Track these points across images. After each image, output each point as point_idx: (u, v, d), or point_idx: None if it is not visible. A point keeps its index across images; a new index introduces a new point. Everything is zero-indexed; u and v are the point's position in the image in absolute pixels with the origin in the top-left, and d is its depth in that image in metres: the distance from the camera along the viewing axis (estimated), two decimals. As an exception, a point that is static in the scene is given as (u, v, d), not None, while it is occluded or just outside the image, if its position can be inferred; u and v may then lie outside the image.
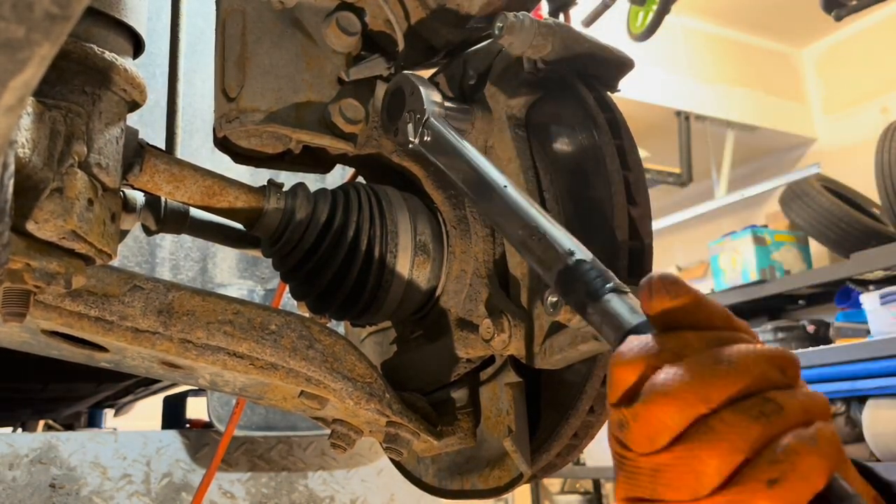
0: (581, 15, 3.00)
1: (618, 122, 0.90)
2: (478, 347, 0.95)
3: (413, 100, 0.94)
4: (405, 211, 1.00)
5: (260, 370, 0.88)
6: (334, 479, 2.09)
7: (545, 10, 2.12)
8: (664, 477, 0.48)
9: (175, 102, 1.17)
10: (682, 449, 0.47)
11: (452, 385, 0.99)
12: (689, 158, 5.71)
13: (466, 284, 0.98)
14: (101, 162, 0.74)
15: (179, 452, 1.94)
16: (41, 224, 0.67)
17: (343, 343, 0.92)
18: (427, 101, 0.92)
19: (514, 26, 0.89)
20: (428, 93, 0.93)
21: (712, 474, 0.46)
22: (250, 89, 0.94)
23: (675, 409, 0.47)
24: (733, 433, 0.46)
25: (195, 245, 1.95)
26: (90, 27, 0.77)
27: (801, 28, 6.18)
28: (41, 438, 1.82)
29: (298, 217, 0.97)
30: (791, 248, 4.46)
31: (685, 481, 0.47)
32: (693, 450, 0.47)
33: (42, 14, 0.38)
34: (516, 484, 0.93)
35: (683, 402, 0.47)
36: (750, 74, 6.26)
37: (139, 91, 0.81)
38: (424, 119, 0.91)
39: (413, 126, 0.92)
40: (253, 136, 0.96)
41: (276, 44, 0.96)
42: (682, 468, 0.47)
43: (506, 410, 0.92)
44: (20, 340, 0.89)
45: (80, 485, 1.80)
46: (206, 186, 0.94)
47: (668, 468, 0.48)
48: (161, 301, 0.84)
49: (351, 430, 0.99)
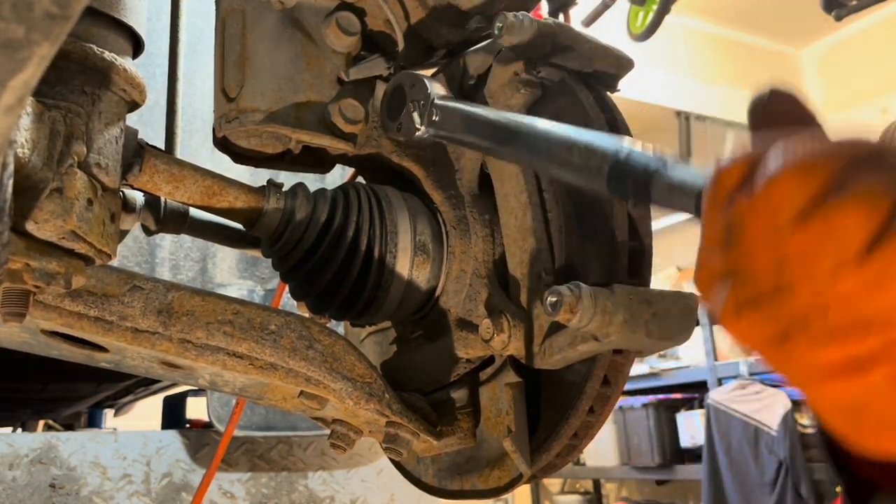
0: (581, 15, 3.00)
1: (617, 123, 0.90)
2: (477, 347, 0.95)
3: (415, 91, 0.94)
4: (405, 211, 1.00)
5: (260, 370, 0.88)
6: (334, 479, 2.09)
7: (545, 10, 2.12)
8: (798, 253, 0.42)
9: (175, 102, 1.17)
10: (818, 216, 0.41)
11: (452, 385, 0.99)
12: (689, 158, 5.71)
13: (466, 284, 0.98)
14: (101, 162, 0.74)
15: (179, 452, 1.94)
16: (41, 224, 0.67)
17: (343, 343, 0.92)
18: (430, 87, 0.93)
19: (514, 26, 0.89)
20: (430, 82, 0.94)
21: (859, 234, 0.40)
22: (250, 89, 0.94)
23: (804, 179, 0.42)
24: (872, 189, 0.40)
25: (195, 245, 1.95)
26: (90, 27, 0.77)
27: (801, 28, 6.19)
28: (41, 438, 1.82)
29: (298, 217, 0.97)
30: (791, 249, 4.45)
31: (828, 248, 0.41)
32: (831, 214, 0.41)
33: (42, 14, 0.38)
34: (516, 484, 0.93)
35: (810, 171, 0.41)
36: (750, 74, 6.26)
37: (139, 91, 0.81)
38: (430, 101, 0.91)
39: (419, 113, 0.92)
40: (253, 136, 0.96)
41: (276, 44, 0.96)
42: (822, 236, 0.41)
43: (505, 410, 0.92)
44: (20, 340, 0.89)
45: (80, 485, 1.80)
46: (205, 186, 0.94)
47: (802, 243, 0.42)
48: (161, 301, 0.84)
49: (351, 430, 0.99)
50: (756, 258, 0.44)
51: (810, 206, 0.42)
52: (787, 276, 0.43)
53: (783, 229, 0.42)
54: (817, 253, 0.42)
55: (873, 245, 0.41)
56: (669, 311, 0.80)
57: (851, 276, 0.41)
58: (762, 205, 0.43)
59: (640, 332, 0.76)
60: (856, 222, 0.41)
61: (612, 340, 0.76)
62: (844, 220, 0.41)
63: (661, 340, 0.79)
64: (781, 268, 0.43)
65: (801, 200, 0.42)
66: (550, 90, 0.95)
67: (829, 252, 0.41)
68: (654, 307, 0.79)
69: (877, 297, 0.41)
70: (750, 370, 4.24)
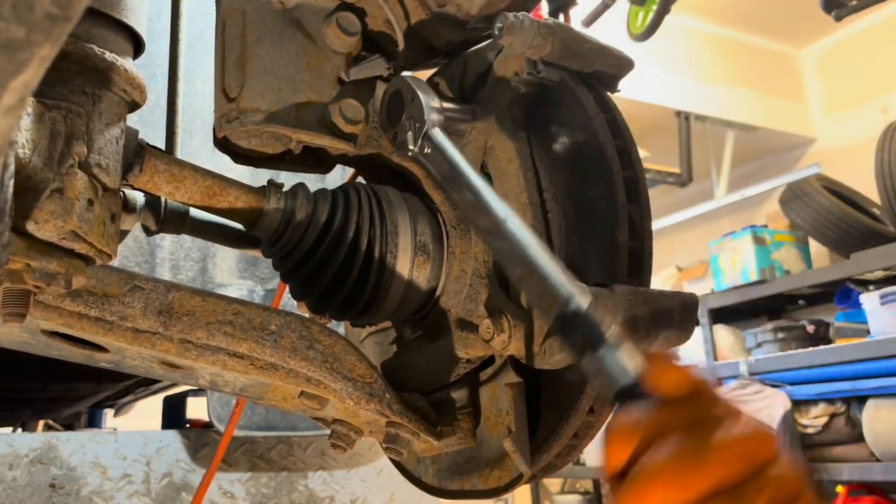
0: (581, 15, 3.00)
1: (618, 123, 0.90)
2: (478, 347, 0.95)
3: (412, 107, 0.93)
4: (405, 211, 1.00)
5: (260, 370, 0.88)
6: (334, 479, 2.09)
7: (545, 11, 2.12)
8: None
9: (175, 102, 1.17)
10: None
11: (452, 385, 0.99)
12: (689, 158, 5.71)
13: (466, 285, 0.98)
14: (101, 162, 0.74)
15: (179, 452, 1.94)
16: (41, 224, 0.67)
17: (343, 343, 0.92)
18: (427, 108, 0.92)
19: (514, 26, 0.89)
20: (427, 100, 0.93)
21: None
22: (250, 89, 0.94)
23: (659, 497, 0.50)
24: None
25: (195, 245, 1.95)
26: (90, 27, 0.77)
27: (801, 28, 6.18)
28: (41, 438, 1.82)
29: (298, 217, 0.97)
30: (791, 248, 4.46)
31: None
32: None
33: (42, 15, 0.38)
34: (516, 484, 0.93)
35: (667, 491, 0.50)
36: (750, 74, 6.26)
37: (139, 91, 0.81)
38: (424, 130, 0.91)
39: (413, 135, 0.92)
40: (253, 137, 0.96)
41: (276, 44, 0.96)
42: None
43: (505, 411, 0.92)
44: (20, 340, 0.89)
45: (80, 485, 1.80)
46: (206, 186, 0.94)
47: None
48: (161, 301, 0.84)
49: (351, 430, 0.99)
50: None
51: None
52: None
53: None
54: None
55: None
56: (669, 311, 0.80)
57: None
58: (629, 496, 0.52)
59: (641, 331, 0.76)
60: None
61: (613, 340, 0.76)
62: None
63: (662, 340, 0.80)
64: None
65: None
66: (550, 90, 0.95)
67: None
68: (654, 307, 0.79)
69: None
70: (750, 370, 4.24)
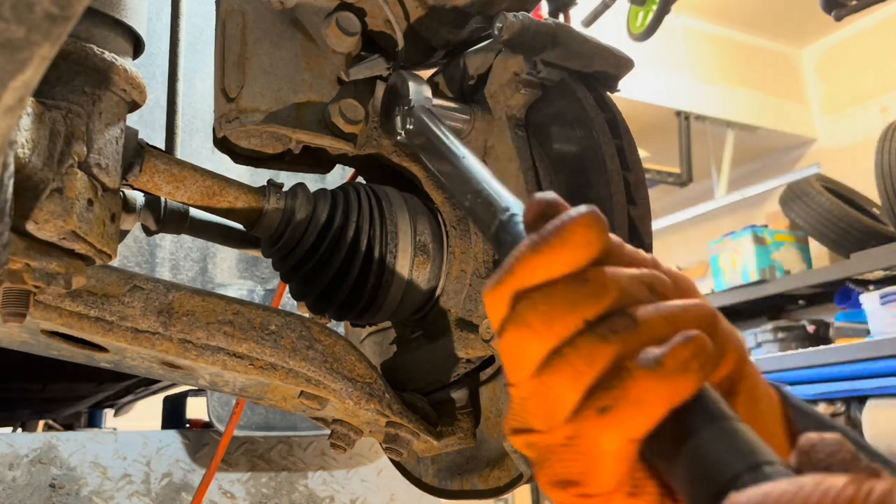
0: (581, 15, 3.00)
1: (617, 123, 0.90)
2: (477, 347, 0.95)
3: (402, 93, 0.94)
4: (405, 211, 1.00)
5: (260, 370, 0.88)
6: (334, 479, 2.09)
7: (545, 10, 2.12)
8: (528, 406, 0.46)
9: (175, 102, 1.17)
10: (537, 379, 0.45)
11: (452, 385, 0.99)
12: (689, 158, 5.71)
13: (466, 285, 0.98)
14: (101, 162, 0.74)
15: (179, 452, 1.94)
16: (41, 224, 0.67)
17: (343, 343, 0.92)
18: (413, 91, 0.92)
19: (514, 26, 0.89)
20: (417, 86, 0.93)
21: (564, 404, 0.44)
22: (250, 89, 0.94)
23: (532, 340, 0.44)
24: (579, 358, 0.43)
25: (195, 245, 1.95)
26: (90, 27, 0.77)
27: (801, 28, 6.18)
28: (41, 438, 1.82)
29: (298, 217, 0.97)
30: (791, 248, 4.46)
31: (542, 411, 0.45)
32: (545, 380, 0.44)
33: (42, 14, 0.38)
34: (516, 484, 0.93)
35: (538, 332, 0.44)
36: (750, 74, 6.26)
37: (139, 91, 0.81)
38: (409, 108, 0.91)
39: (401, 118, 0.92)
40: (253, 137, 0.96)
41: (276, 44, 0.96)
42: (539, 398, 0.45)
43: (505, 411, 0.92)
44: (20, 340, 0.89)
45: (80, 485, 1.80)
46: (206, 187, 0.94)
47: (530, 397, 0.46)
48: (161, 301, 0.84)
49: (351, 430, 0.99)
50: (511, 388, 0.47)
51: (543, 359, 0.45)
52: (526, 410, 0.46)
53: (522, 373, 0.46)
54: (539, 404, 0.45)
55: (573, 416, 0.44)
56: (669, 312, 0.80)
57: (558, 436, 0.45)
58: (504, 348, 0.46)
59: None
60: (565, 389, 0.44)
61: (613, 340, 0.76)
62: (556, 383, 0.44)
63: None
64: (524, 402, 0.46)
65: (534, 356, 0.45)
66: (550, 90, 0.95)
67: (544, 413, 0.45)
68: (655, 307, 0.79)
69: (569, 460, 0.45)
70: (750, 370, 4.23)
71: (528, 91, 0.95)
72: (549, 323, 0.44)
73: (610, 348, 0.43)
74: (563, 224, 0.45)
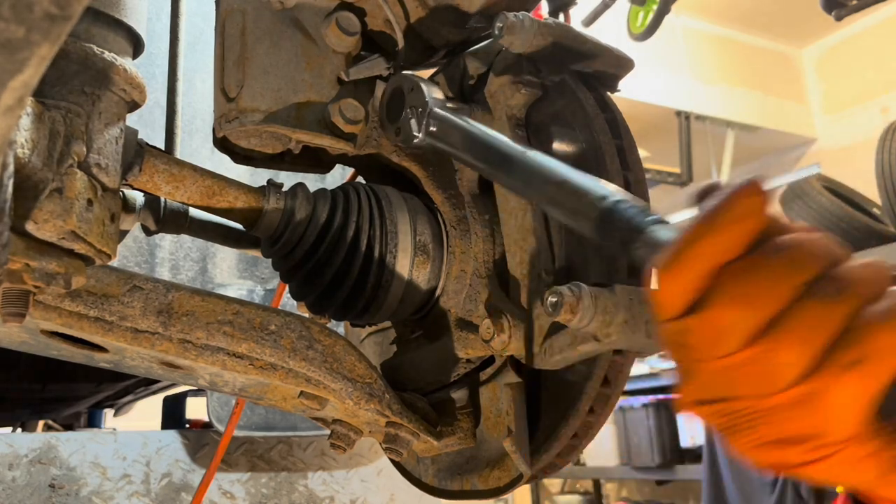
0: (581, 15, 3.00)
1: (617, 122, 0.90)
2: (477, 348, 0.95)
3: (413, 96, 0.94)
4: (405, 211, 1.00)
5: (259, 370, 0.88)
6: (334, 479, 2.09)
7: (545, 10, 2.12)
8: (737, 375, 0.46)
9: (175, 102, 1.17)
10: (758, 348, 0.45)
11: (452, 385, 0.99)
12: (689, 158, 5.72)
13: (466, 285, 0.98)
14: (101, 162, 0.74)
15: (179, 452, 1.94)
16: (41, 224, 0.67)
17: (343, 343, 0.92)
18: (428, 94, 0.93)
19: (515, 26, 0.89)
20: (429, 88, 0.94)
21: (792, 367, 0.45)
22: (250, 89, 0.94)
23: (747, 311, 0.45)
24: (808, 322, 0.44)
25: (195, 245, 1.95)
26: (90, 27, 0.77)
27: (801, 28, 6.19)
28: (41, 438, 1.82)
29: (298, 217, 0.97)
30: (791, 248, 4.45)
31: (763, 377, 0.45)
32: (768, 347, 0.45)
33: (42, 14, 0.38)
34: (516, 484, 0.93)
35: (753, 303, 0.45)
36: (750, 74, 6.26)
37: (139, 91, 0.81)
38: (428, 111, 0.91)
39: (416, 120, 0.92)
40: (252, 136, 0.96)
41: (276, 44, 0.96)
42: (759, 366, 0.45)
43: (505, 411, 0.92)
44: (20, 340, 0.89)
45: (80, 485, 1.80)
46: (205, 186, 0.94)
47: (742, 367, 0.46)
48: (161, 301, 0.84)
49: (351, 430, 0.99)
50: (708, 363, 0.47)
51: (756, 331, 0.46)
52: (735, 380, 0.47)
53: (731, 346, 0.46)
54: (759, 371, 0.46)
55: (808, 372, 0.45)
56: (670, 312, 0.80)
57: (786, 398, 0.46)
58: (712, 322, 0.46)
59: (641, 332, 0.76)
60: (794, 354, 0.45)
61: (613, 341, 0.76)
62: (784, 349, 0.45)
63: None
64: (730, 373, 0.47)
65: (747, 329, 0.46)
66: (550, 90, 0.95)
67: (767, 379, 0.46)
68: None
69: (801, 418, 0.46)
70: (750, 370, 4.23)
71: (529, 91, 0.95)
72: (764, 294, 0.45)
73: (840, 308, 0.45)
74: (734, 194, 0.46)
